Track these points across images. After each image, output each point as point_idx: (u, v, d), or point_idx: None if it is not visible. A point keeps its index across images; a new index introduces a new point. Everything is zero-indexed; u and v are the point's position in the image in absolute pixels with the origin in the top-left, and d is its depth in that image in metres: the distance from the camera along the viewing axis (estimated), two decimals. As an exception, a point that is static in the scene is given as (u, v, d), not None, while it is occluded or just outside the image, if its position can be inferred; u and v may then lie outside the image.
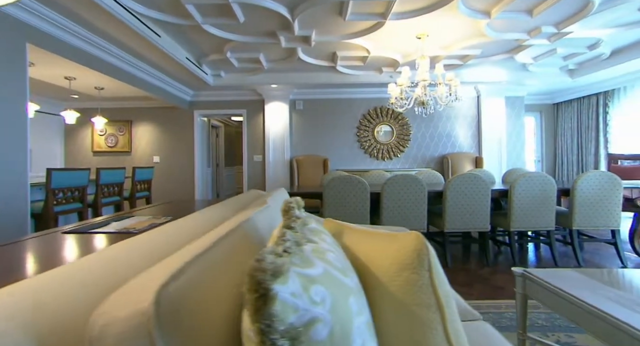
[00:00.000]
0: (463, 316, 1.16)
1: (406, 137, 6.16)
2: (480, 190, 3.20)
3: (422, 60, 3.77)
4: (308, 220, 0.73)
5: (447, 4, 3.07)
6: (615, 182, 3.19)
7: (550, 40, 4.07)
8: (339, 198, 3.20)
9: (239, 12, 3.25)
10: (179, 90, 5.78)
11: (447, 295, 0.65)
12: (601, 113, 6.00)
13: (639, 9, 3.33)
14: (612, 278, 1.56)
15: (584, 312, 1.27)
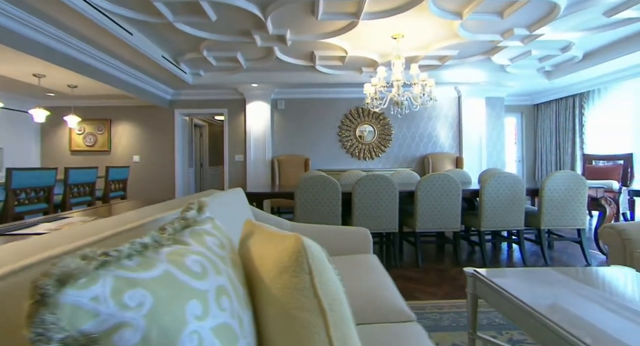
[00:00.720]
0: (397, 317, 1.17)
1: (388, 137, 6.19)
2: (451, 190, 3.23)
3: (397, 61, 3.79)
4: (202, 221, 0.72)
5: (417, 4, 3.08)
6: (581, 182, 3.25)
7: (523, 42, 4.13)
8: (310, 198, 3.20)
9: (210, 11, 3.22)
10: (159, 89, 5.71)
11: (334, 299, 0.64)
12: (577, 115, 6.11)
13: (604, 14, 3.39)
14: (556, 277, 1.58)
15: (517, 310, 1.29)
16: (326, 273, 0.64)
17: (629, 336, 1.01)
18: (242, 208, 1.71)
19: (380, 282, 1.39)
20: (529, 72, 5.59)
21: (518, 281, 1.54)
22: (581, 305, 1.24)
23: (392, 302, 1.21)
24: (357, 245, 2.00)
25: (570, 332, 1.06)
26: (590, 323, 1.11)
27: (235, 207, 1.58)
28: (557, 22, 3.61)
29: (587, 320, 1.14)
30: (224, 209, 1.35)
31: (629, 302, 1.25)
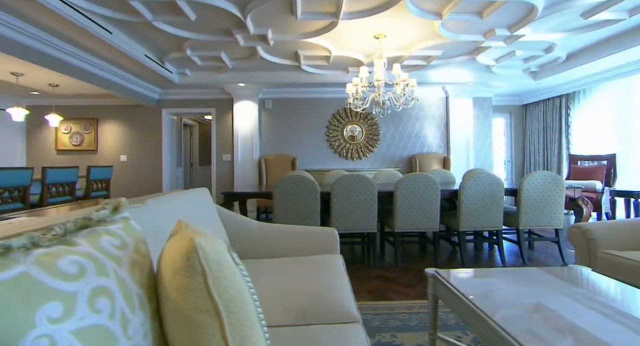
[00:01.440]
0: (341, 319, 1.17)
1: (375, 137, 6.20)
2: (429, 190, 3.23)
3: (379, 61, 3.79)
4: (113, 221, 0.71)
5: (395, 4, 3.09)
6: (558, 182, 3.26)
7: (506, 42, 4.15)
8: (288, 198, 3.19)
9: (189, 10, 3.21)
10: (145, 88, 5.68)
11: (233, 300, 0.64)
12: (564, 115, 6.14)
13: (582, 16, 3.41)
14: (512, 278, 1.59)
15: (468, 312, 1.29)
16: (225, 274, 0.64)
17: (568, 335, 1.02)
18: (203, 208, 1.71)
19: (334, 283, 1.39)
20: (515, 73, 5.62)
21: (473, 282, 1.55)
22: (525, 305, 1.25)
23: (340, 303, 1.21)
24: (324, 245, 2.00)
25: (506, 331, 1.06)
26: (530, 322, 1.11)
27: (193, 206, 1.57)
28: (537, 23, 3.62)
29: (528, 319, 1.14)
30: (175, 209, 1.34)
31: (572, 301, 1.26)
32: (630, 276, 1.81)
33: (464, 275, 1.63)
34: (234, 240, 1.99)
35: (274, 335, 1.03)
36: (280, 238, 2.04)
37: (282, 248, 2.00)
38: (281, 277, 1.49)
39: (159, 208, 1.22)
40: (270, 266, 1.67)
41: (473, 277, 1.61)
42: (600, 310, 1.16)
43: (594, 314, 1.15)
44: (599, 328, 1.04)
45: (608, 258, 1.95)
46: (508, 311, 1.20)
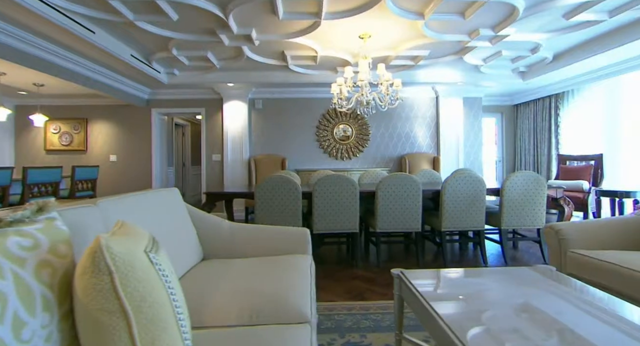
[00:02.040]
0: (292, 319, 1.17)
1: (365, 137, 6.20)
2: (411, 190, 3.23)
3: (363, 61, 3.79)
4: (32, 222, 0.71)
5: (376, 3, 3.09)
6: (540, 182, 3.27)
7: (492, 42, 4.15)
8: (270, 198, 3.19)
9: (170, 10, 3.21)
10: (134, 88, 5.67)
11: (144, 300, 0.64)
12: (553, 115, 6.16)
13: (563, 16, 3.42)
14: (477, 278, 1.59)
15: (425, 313, 1.29)
16: (136, 275, 0.64)
17: (511, 335, 1.02)
18: (169, 208, 1.71)
19: (294, 284, 1.39)
20: (504, 73, 5.63)
21: (434, 282, 1.55)
22: (479, 306, 1.25)
23: (293, 304, 1.21)
24: (295, 245, 2.00)
25: (452, 331, 1.07)
26: (482, 323, 1.12)
27: (155, 207, 1.57)
28: (520, 23, 3.63)
29: (481, 319, 1.14)
30: (131, 210, 1.34)
31: (522, 301, 1.26)
32: (595, 275, 1.82)
33: (428, 275, 1.63)
34: (205, 240, 1.99)
35: (221, 336, 1.03)
36: (251, 239, 2.04)
37: (253, 248, 2.00)
38: (243, 277, 1.48)
39: (112, 209, 1.21)
40: (235, 267, 1.67)
41: (436, 278, 1.61)
42: (547, 311, 1.17)
43: (543, 314, 1.15)
44: (541, 327, 1.05)
45: (576, 257, 1.95)
46: (457, 311, 1.20)
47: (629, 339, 0.98)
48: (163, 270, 0.71)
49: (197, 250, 1.86)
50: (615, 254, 1.81)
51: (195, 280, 1.48)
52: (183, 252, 1.63)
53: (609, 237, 2.06)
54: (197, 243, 1.89)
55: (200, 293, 1.33)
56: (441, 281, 1.56)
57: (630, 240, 2.03)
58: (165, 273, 0.72)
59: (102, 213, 1.13)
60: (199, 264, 1.80)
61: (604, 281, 1.77)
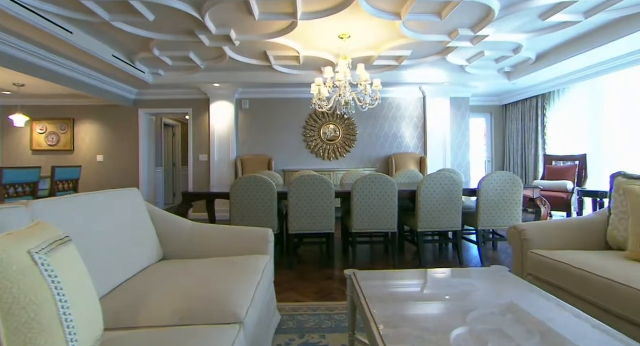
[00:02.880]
0: (222, 319, 1.17)
1: (352, 137, 6.20)
2: (386, 190, 3.23)
3: (342, 61, 3.79)
4: None
5: (349, 4, 3.09)
6: (516, 182, 3.27)
7: (472, 42, 4.15)
8: (245, 198, 3.20)
9: (145, 10, 3.21)
10: (119, 88, 5.67)
11: (15, 302, 0.64)
12: (539, 115, 6.16)
13: (539, 17, 3.42)
14: (421, 279, 1.60)
15: (363, 313, 1.30)
16: (8, 276, 0.64)
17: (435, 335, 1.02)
18: (122, 209, 1.71)
19: (238, 284, 1.40)
20: (490, 73, 5.63)
21: (380, 283, 1.56)
22: (412, 307, 1.25)
23: (229, 305, 1.21)
24: (256, 245, 2.00)
25: (379, 332, 1.07)
26: (413, 324, 1.12)
27: (104, 207, 1.57)
28: (498, 24, 3.64)
29: (412, 320, 1.15)
30: (71, 211, 1.34)
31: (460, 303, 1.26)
32: (550, 275, 1.82)
33: (378, 276, 1.64)
34: (166, 239, 2.00)
35: (140, 337, 1.04)
36: (213, 239, 2.04)
37: (214, 249, 2.01)
38: (189, 278, 1.49)
39: (46, 210, 1.21)
40: (188, 267, 1.67)
41: (384, 279, 1.61)
42: (477, 312, 1.17)
43: (473, 314, 1.16)
44: (465, 328, 1.05)
45: (534, 257, 1.96)
46: (390, 312, 1.21)
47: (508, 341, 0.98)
48: (51, 271, 0.71)
49: (155, 249, 1.86)
50: (569, 254, 1.82)
51: (142, 281, 1.48)
52: (133, 253, 1.63)
53: (569, 237, 2.06)
54: (155, 243, 1.89)
55: (141, 293, 1.33)
56: (388, 282, 1.57)
57: (589, 240, 2.04)
58: (54, 274, 0.72)
59: (31, 214, 1.13)
60: (155, 264, 1.80)
61: (557, 281, 1.77)
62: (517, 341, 0.97)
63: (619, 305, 1.41)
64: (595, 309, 1.54)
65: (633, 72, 4.51)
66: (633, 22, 3.44)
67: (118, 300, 1.29)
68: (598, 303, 1.52)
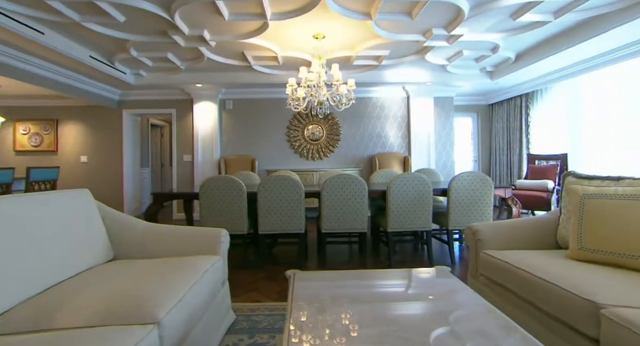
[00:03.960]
0: (140, 320, 1.17)
1: (336, 137, 6.20)
2: (356, 191, 3.23)
3: (316, 61, 3.79)
4: None
5: (317, 4, 3.09)
6: (486, 182, 3.28)
7: (449, 42, 4.15)
8: (215, 199, 3.20)
9: (112, 11, 3.20)
10: (102, 89, 5.66)
11: None
12: (524, 115, 6.16)
13: (511, 16, 3.42)
14: (359, 280, 1.60)
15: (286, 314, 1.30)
16: None
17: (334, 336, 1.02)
18: (67, 210, 1.71)
19: (168, 285, 1.39)
20: (473, 72, 5.63)
21: (315, 284, 1.56)
22: (335, 307, 1.25)
23: (148, 306, 1.21)
24: (208, 246, 2.01)
25: (290, 332, 1.07)
26: (324, 326, 1.12)
27: (46, 208, 1.57)
28: (471, 24, 3.63)
29: (325, 322, 1.15)
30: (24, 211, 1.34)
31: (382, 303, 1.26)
32: (498, 275, 1.82)
33: (317, 277, 1.64)
34: (118, 240, 2.00)
35: (46, 339, 1.03)
36: (165, 239, 2.05)
37: (166, 249, 2.01)
38: (126, 278, 1.48)
39: None
40: (132, 268, 1.67)
41: (322, 279, 1.61)
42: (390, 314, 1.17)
43: (386, 317, 1.16)
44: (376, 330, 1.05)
45: (485, 257, 1.96)
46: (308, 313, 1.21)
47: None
48: None
49: (103, 250, 1.86)
50: (515, 254, 1.82)
51: (80, 281, 1.48)
52: (74, 253, 1.63)
53: (522, 237, 2.06)
54: (104, 243, 1.89)
55: (70, 294, 1.33)
56: (324, 283, 1.57)
57: (541, 240, 2.04)
58: None
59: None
60: (102, 265, 1.79)
61: (503, 282, 1.77)
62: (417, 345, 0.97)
63: (551, 306, 1.41)
64: (535, 310, 1.54)
65: (607, 72, 4.51)
66: (599, 24, 3.45)
67: (44, 302, 1.28)
68: (535, 303, 1.52)
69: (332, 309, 1.22)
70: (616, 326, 1.10)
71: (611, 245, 1.53)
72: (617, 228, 1.53)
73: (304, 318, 1.15)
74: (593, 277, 1.39)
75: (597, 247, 1.57)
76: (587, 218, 1.65)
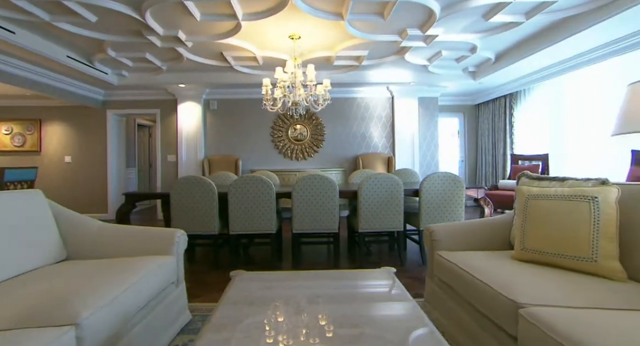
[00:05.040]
0: (57, 322, 1.16)
1: (320, 138, 6.20)
2: (327, 191, 3.23)
3: (291, 61, 3.79)
4: None
5: (286, 4, 3.09)
6: (457, 183, 3.28)
7: (426, 42, 4.16)
8: (185, 199, 3.20)
9: (82, 11, 3.19)
10: (85, 89, 5.65)
11: None
12: (508, 115, 6.18)
13: (483, 17, 3.43)
14: (301, 280, 1.60)
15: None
16: None
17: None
18: (15, 210, 1.71)
19: (100, 286, 1.39)
20: (455, 73, 5.64)
21: (254, 285, 1.56)
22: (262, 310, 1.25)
23: (68, 307, 1.20)
24: (161, 246, 2.00)
25: (204, 333, 1.07)
26: (242, 327, 1.12)
27: (6, 209, 1.58)
28: (445, 24, 3.64)
29: (245, 324, 1.15)
30: None
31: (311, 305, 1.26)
32: (447, 277, 1.82)
33: (259, 278, 1.64)
34: (72, 240, 2.00)
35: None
36: (120, 239, 2.04)
37: (119, 249, 2.00)
38: (61, 279, 1.48)
39: None
40: (74, 268, 1.67)
41: (265, 281, 1.61)
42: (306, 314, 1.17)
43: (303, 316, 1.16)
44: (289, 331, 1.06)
45: (437, 259, 1.96)
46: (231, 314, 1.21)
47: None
48: None
49: (53, 250, 1.86)
50: (464, 255, 1.82)
51: (20, 282, 1.48)
52: (16, 254, 1.62)
53: (477, 238, 2.06)
54: (54, 243, 1.88)
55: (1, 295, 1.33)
56: (263, 284, 1.57)
57: (496, 241, 2.04)
58: None
59: None
60: (51, 265, 1.79)
61: (451, 283, 1.77)
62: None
63: (483, 305, 1.41)
64: (473, 310, 1.55)
65: (586, 72, 4.52)
66: (572, 25, 3.45)
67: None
68: (472, 303, 1.52)
69: (253, 309, 1.22)
70: (529, 324, 1.11)
71: (548, 245, 1.53)
72: (554, 228, 1.53)
73: (223, 319, 1.15)
74: (524, 277, 1.40)
75: (537, 248, 1.58)
76: (529, 219, 1.66)
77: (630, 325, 1.02)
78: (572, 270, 1.48)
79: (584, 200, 1.48)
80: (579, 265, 1.44)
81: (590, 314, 1.10)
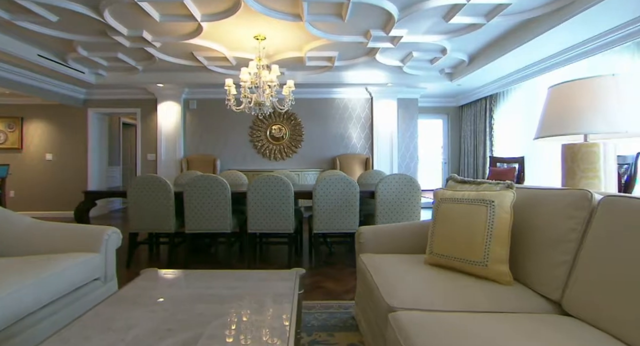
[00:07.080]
0: None
1: (299, 138, 6.21)
2: (281, 192, 3.23)
3: (253, 62, 3.79)
4: None
5: (239, 6, 3.10)
6: (414, 185, 3.27)
7: (393, 43, 4.14)
8: (142, 198, 3.22)
9: (41, 11, 3.23)
10: (64, 88, 5.70)
11: None
12: (488, 117, 6.14)
13: (443, 18, 3.41)
14: (213, 280, 1.60)
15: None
16: None
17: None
18: None
19: (11, 282, 1.42)
20: (433, 74, 5.62)
21: (151, 284, 1.56)
22: (142, 310, 1.26)
23: None
24: (87, 243, 2.02)
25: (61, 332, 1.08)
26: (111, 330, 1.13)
27: None
28: (407, 25, 3.63)
29: (116, 326, 1.16)
30: None
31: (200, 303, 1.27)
32: (361, 277, 1.82)
33: (160, 276, 1.65)
34: (0, 237, 2.02)
35: None
36: (50, 236, 2.06)
37: (48, 246, 2.02)
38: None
39: None
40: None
41: (163, 279, 1.62)
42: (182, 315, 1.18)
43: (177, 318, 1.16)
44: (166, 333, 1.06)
45: (359, 261, 1.96)
46: (108, 314, 1.22)
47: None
48: None
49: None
50: (381, 258, 1.81)
51: None
52: None
53: (401, 241, 2.06)
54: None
55: None
56: (163, 282, 1.58)
57: (421, 244, 2.03)
58: None
59: None
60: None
61: (363, 284, 1.77)
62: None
63: (374, 308, 1.41)
64: (372, 313, 1.54)
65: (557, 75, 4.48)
66: (535, 27, 3.42)
67: None
68: (371, 306, 1.52)
69: (136, 309, 1.23)
70: (390, 328, 1.10)
71: (450, 249, 1.53)
72: (456, 232, 1.52)
73: (96, 319, 1.16)
74: (414, 281, 1.39)
75: (441, 251, 1.57)
76: (437, 223, 1.65)
77: (482, 327, 1.01)
78: (469, 273, 1.47)
79: (483, 204, 1.48)
80: (473, 269, 1.43)
81: (455, 318, 1.09)
